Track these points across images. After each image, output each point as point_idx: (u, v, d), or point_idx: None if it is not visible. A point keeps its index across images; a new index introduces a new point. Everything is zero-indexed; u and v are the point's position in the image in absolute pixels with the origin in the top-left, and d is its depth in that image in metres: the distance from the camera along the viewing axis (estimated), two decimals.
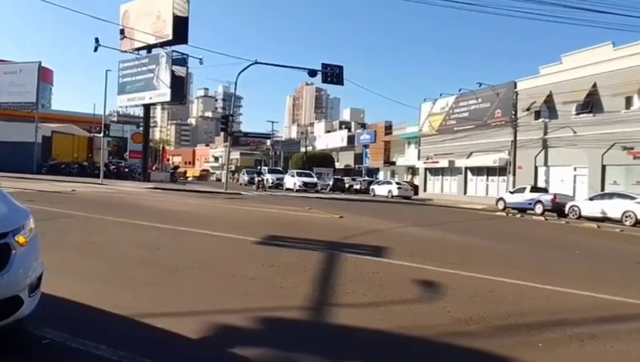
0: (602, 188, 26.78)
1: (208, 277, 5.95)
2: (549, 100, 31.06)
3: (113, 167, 36.42)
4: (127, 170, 37.18)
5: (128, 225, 10.06)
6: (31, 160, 34.63)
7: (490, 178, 37.36)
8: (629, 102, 26.90)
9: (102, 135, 30.72)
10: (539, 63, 49.69)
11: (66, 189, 19.53)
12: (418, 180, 46.46)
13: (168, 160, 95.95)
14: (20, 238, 3.12)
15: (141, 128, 40.49)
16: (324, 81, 28.28)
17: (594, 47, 28.98)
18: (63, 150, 37.47)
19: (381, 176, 56.10)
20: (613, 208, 21.62)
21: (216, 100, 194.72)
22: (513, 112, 33.85)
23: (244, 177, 50.19)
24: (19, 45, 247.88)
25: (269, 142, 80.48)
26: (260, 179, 37.53)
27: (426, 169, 44.39)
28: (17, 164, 31.65)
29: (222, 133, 69.28)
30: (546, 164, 32.00)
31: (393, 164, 56.55)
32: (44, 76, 47.08)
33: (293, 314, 4.58)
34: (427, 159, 43.66)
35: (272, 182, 39.95)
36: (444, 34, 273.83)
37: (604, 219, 21.66)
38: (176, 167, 53.48)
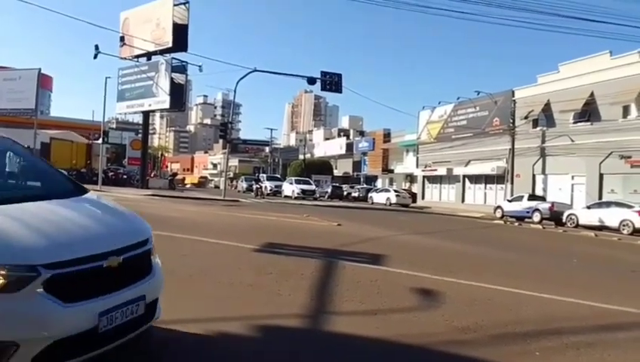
0: (600, 197, 26.82)
1: (206, 285, 5.95)
2: (546, 109, 31.21)
3: (112, 173, 36.40)
4: (125, 176, 37.16)
5: None
6: None
7: (488, 186, 37.41)
8: (626, 111, 27.02)
9: (101, 142, 30.73)
10: (537, 72, 49.91)
11: None
12: (416, 188, 46.51)
13: (167, 167, 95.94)
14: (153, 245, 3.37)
15: (140, 135, 40.52)
16: (323, 88, 28.37)
17: (591, 56, 29.15)
18: (62, 156, 37.37)
19: (379, 183, 56.15)
20: (611, 217, 21.68)
21: (215, 107, 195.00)
22: (511, 121, 33.99)
23: (243, 184, 50.18)
24: (18, 52, 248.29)
25: (267, 149, 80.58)
26: (259, 186, 37.53)
27: (424, 177, 44.46)
28: None
29: (220, 140, 69.41)
30: (543, 172, 32.09)
31: (391, 171, 56.60)
32: (44, 83, 47.18)
33: (291, 321, 4.59)
34: (425, 167, 43.74)
35: (271, 190, 39.95)
36: (443, 43, 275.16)
37: (602, 227, 21.71)
38: (175, 174, 53.40)
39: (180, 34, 32.71)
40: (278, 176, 54.22)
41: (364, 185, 51.26)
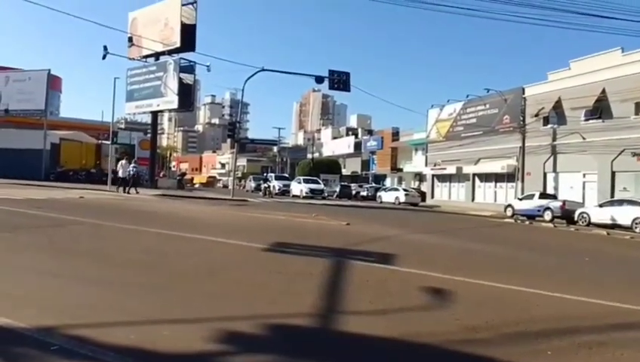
0: (612, 195, 26.57)
1: (215, 284, 5.95)
2: (557, 106, 30.92)
3: None
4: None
5: (136, 232, 10.10)
6: (39, 167, 34.92)
7: (498, 184, 37.19)
8: (638, 107, 26.70)
9: (110, 142, 30.92)
10: (547, 69, 49.46)
11: (75, 196, 19.66)
12: (425, 187, 46.35)
13: (178, 166, 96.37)
14: None
15: (149, 135, 40.71)
16: (331, 87, 28.34)
17: (603, 52, 28.84)
18: (71, 157, 37.75)
19: (388, 182, 56.00)
20: (623, 215, 21.44)
21: (223, 107, 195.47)
22: (521, 118, 33.77)
23: (251, 184, 50.30)
24: (28, 53, 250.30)
25: (275, 148, 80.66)
26: (267, 185, 37.58)
27: (433, 175, 44.28)
28: (26, 170, 31.96)
29: (229, 140, 69.46)
30: (554, 170, 31.83)
31: (400, 170, 56.47)
32: (53, 84, 47.52)
33: (300, 321, 4.57)
34: (434, 165, 43.56)
35: (279, 189, 39.98)
36: (452, 40, 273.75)
37: (614, 225, 21.48)
38: (184, 174, 53.64)
39: (188, 34, 32.85)
40: (287, 175, 54.27)
41: (373, 184, 51.19)
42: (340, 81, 27.63)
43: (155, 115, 37.24)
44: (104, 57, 29.48)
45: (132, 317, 4.24)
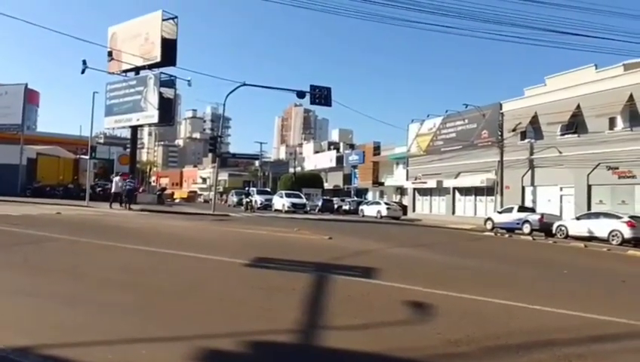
0: (588, 208, 27.03)
1: (196, 301, 5.87)
2: (534, 121, 31.53)
3: (99, 189, 36.00)
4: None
5: (114, 249, 9.94)
6: (15, 182, 34.19)
7: (478, 198, 37.58)
8: (612, 122, 27.36)
9: (88, 157, 30.47)
10: (524, 85, 50.52)
11: (51, 212, 19.30)
12: (407, 200, 46.62)
13: (154, 181, 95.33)
14: None
15: (128, 150, 40.28)
16: (313, 102, 28.46)
17: (577, 69, 29.58)
18: (48, 172, 37.06)
19: (370, 196, 56.20)
20: (600, 227, 21.82)
21: (204, 121, 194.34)
22: (499, 133, 34.32)
23: (233, 198, 50.03)
24: (4, 66, 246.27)
25: (257, 163, 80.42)
26: (249, 200, 37.37)
27: (414, 189, 44.58)
28: (1, 186, 31.28)
29: (210, 155, 69.03)
30: (532, 183, 32.32)
31: (382, 184, 56.76)
32: (30, 98, 46.90)
33: (282, 337, 4.53)
34: (415, 179, 43.88)
35: (261, 203, 39.81)
36: (431, 56, 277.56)
37: (591, 238, 21.82)
38: (164, 189, 53.13)
39: (169, 49, 32.73)
40: (269, 189, 54.08)
41: (355, 198, 51.34)
42: (321, 95, 27.76)
43: (134, 129, 36.87)
44: (83, 72, 29.12)
45: (109, 336, 4.15)
